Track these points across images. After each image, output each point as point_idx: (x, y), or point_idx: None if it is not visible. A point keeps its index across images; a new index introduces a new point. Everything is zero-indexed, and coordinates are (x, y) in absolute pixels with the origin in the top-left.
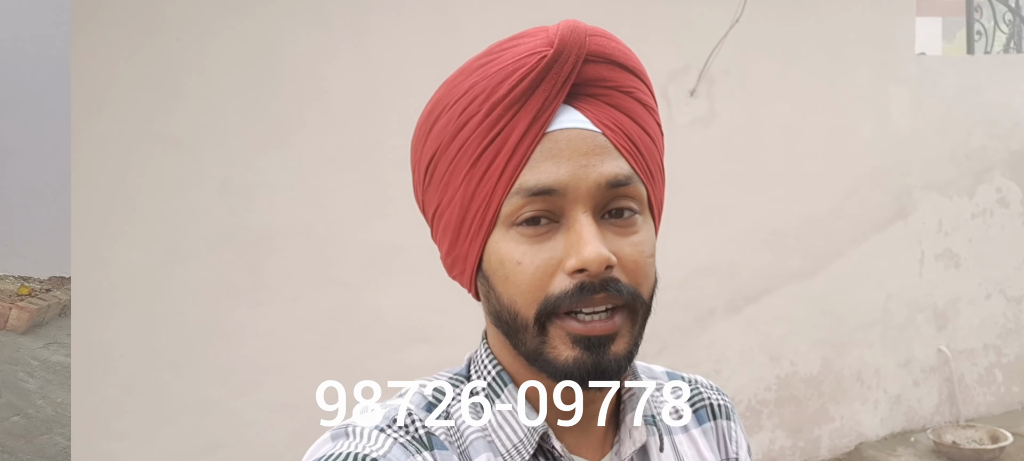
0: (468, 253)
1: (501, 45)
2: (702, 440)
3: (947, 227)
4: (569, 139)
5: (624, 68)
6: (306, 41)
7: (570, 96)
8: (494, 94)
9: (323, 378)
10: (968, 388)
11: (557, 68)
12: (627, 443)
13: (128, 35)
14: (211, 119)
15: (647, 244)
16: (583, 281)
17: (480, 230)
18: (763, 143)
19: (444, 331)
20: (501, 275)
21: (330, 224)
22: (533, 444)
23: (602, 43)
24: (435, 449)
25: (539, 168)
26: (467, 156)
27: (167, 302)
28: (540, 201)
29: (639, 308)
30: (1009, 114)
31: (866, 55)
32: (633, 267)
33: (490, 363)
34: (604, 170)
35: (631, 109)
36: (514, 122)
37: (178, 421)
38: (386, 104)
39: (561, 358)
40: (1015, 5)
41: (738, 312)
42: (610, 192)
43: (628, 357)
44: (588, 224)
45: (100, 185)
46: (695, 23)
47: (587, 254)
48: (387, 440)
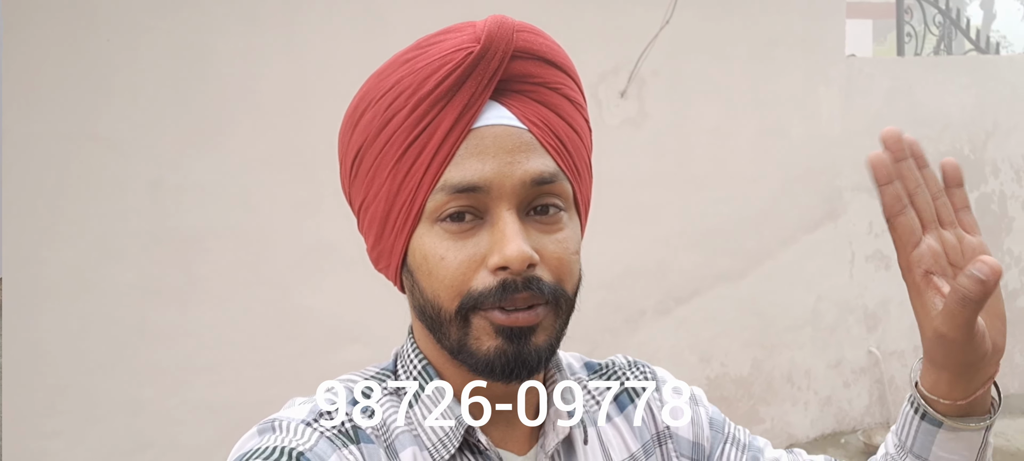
0: (393, 247)
1: (428, 40)
2: (625, 425)
3: (877, 228)
4: (495, 136)
5: (552, 64)
6: (236, 42)
7: (497, 92)
8: (420, 90)
9: (254, 378)
10: (898, 390)
11: (483, 64)
12: (551, 435)
13: (59, 35)
14: (142, 119)
15: (571, 241)
16: (505, 279)
17: (405, 225)
18: (693, 144)
19: (374, 330)
20: (425, 270)
21: (260, 224)
22: (458, 438)
23: (530, 39)
24: (362, 443)
25: (464, 165)
26: (392, 151)
27: (98, 302)
28: (464, 197)
29: (563, 304)
30: (940, 116)
31: (796, 56)
32: (557, 264)
33: (416, 358)
34: (529, 167)
35: (558, 105)
36: (439, 118)
37: (109, 420)
38: (316, 104)
39: (483, 348)
40: (945, 7)
41: (668, 313)
42: (535, 189)
43: (549, 350)
44: (511, 221)
45: (31, 185)
46: (625, 24)
47: (509, 252)
48: (313, 434)
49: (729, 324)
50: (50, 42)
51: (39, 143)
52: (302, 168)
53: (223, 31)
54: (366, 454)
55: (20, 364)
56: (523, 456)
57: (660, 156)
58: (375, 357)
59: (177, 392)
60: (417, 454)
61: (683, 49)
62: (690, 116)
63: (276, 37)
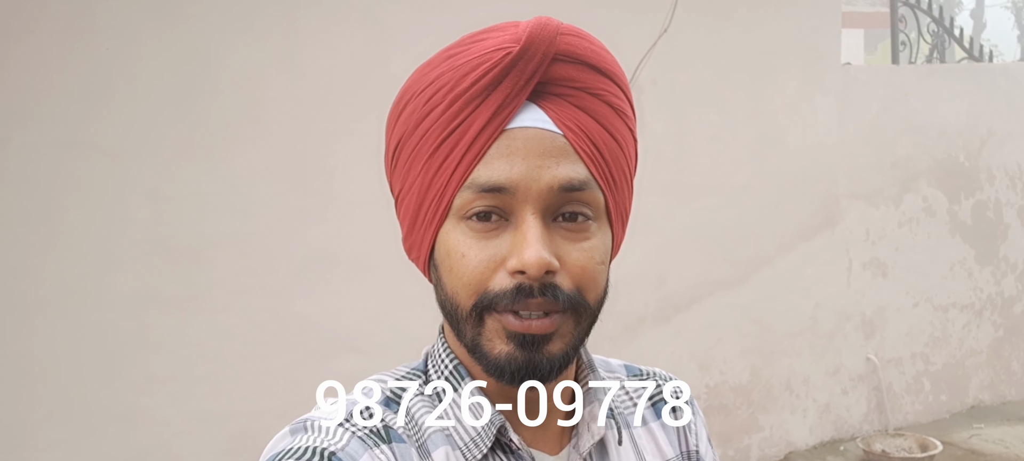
0: (423, 240)
1: (472, 37)
2: (661, 434)
3: (874, 236)
4: (527, 138)
5: (594, 69)
6: (236, 51)
7: (537, 94)
8: (457, 87)
9: (253, 388)
10: (896, 397)
11: (521, 65)
12: (585, 437)
13: (57, 42)
14: (141, 128)
15: (598, 251)
16: (521, 283)
17: (433, 219)
18: (691, 152)
19: (374, 340)
20: (447, 266)
21: (260, 233)
22: (491, 437)
23: (573, 42)
24: (393, 443)
25: (492, 165)
26: (427, 145)
27: (95, 312)
28: (490, 197)
29: (583, 312)
30: (934, 124)
31: (793, 65)
32: (579, 272)
33: (447, 357)
34: (558, 173)
35: (598, 112)
36: (474, 116)
37: (106, 431)
38: (316, 114)
39: (494, 351)
40: (938, 16)
41: (667, 321)
42: (563, 195)
43: (564, 358)
44: (534, 226)
45: (28, 194)
46: (624, 32)
47: (528, 257)
48: (345, 434)
49: (727, 332)
50: (49, 50)
51: (37, 152)
52: (302, 178)
53: (223, 40)
54: (398, 453)
55: (16, 375)
56: (555, 456)
57: (658, 164)
58: (374, 367)
59: (176, 402)
60: (449, 453)
61: (681, 58)
62: (688, 124)
63: (276, 47)
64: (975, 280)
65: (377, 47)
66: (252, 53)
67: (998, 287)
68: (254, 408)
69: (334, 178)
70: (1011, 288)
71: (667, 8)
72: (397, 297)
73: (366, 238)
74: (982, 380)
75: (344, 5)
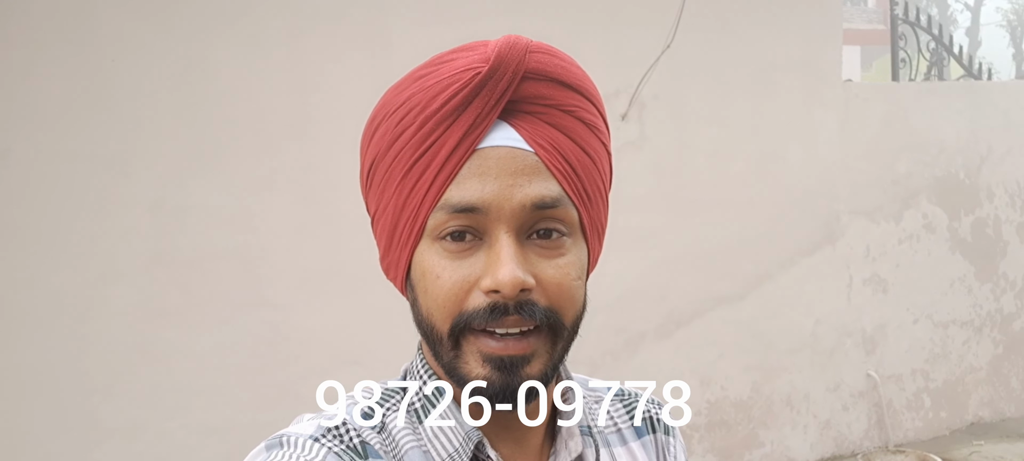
0: (399, 260)
1: (442, 57)
2: (641, 453)
3: (875, 252)
4: (499, 157)
5: (566, 86)
6: (239, 64)
7: (508, 113)
8: (428, 107)
9: (254, 400)
10: (896, 413)
11: (491, 85)
12: (563, 454)
13: (61, 55)
14: (143, 140)
15: (573, 267)
16: (495, 301)
17: (408, 240)
18: (693, 167)
19: (374, 353)
20: (422, 287)
21: (262, 246)
22: (469, 452)
23: (543, 60)
24: (370, 458)
25: (465, 185)
26: (400, 166)
27: (97, 324)
28: (463, 217)
29: (559, 330)
30: (934, 140)
31: (794, 81)
32: (556, 290)
33: (425, 373)
34: (530, 191)
35: (570, 128)
36: (445, 137)
37: (107, 444)
38: (318, 126)
39: (472, 375)
40: (938, 33)
41: (668, 336)
42: (536, 213)
43: (542, 379)
44: (507, 245)
45: (30, 205)
46: (627, 48)
47: (502, 276)
48: (321, 449)
49: (729, 347)
50: (52, 62)
51: (40, 163)
52: (303, 191)
53: (226, 53)
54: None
55: (17, 388)
56: None
57: (660, 179)
58: (374, 379)
59: (177, 414)
60: None
61: (683, 73)
62: (690, 139)
63: (279, 59)
64: (975, 297)
65: (380, 59)
66: (256, 66)
67: (998, 304)
68: (255, 421)
69: (336, 191)
70: (1010, 305)
71: (670, 24)
72: (398, 311)
73: (368, 252)
74: (982, 397)
75: (349, 19)
